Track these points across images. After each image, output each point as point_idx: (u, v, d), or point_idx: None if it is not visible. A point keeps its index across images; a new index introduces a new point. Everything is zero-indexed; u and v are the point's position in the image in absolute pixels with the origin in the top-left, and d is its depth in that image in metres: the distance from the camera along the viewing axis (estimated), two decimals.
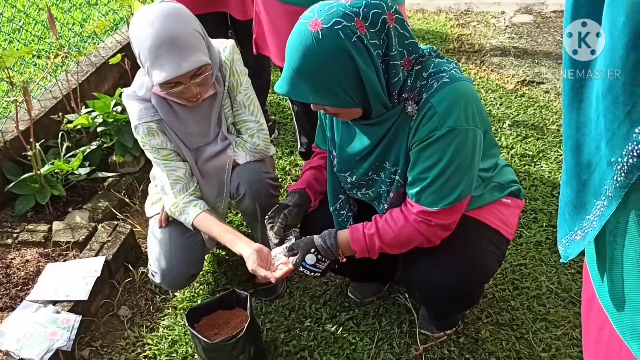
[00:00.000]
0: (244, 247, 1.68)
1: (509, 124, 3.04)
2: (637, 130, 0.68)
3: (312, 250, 1.58)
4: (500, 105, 3.25)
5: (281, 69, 1.63)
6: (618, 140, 0.70)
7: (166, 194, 1.86)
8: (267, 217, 1.71)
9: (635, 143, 0.68)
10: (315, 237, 1.60)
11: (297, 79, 1.37)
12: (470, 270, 1.58)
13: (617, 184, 0.72)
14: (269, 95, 3.23)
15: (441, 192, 1.46)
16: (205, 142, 1.89)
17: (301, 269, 1.59)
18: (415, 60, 1.45)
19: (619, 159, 0.71)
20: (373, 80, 1.37)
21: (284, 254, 1.63)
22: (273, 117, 3.25)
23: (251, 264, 1.63)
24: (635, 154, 0.69)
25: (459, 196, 1.47)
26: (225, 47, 1.86)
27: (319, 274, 1.61)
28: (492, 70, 3.65)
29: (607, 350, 0.95)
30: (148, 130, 1.81)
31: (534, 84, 3.47)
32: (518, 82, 3.46)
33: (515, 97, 3.31)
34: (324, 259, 1.59)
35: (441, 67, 1.45)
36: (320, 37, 1.31)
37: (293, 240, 1.65)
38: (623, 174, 0.71)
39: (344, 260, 1.62)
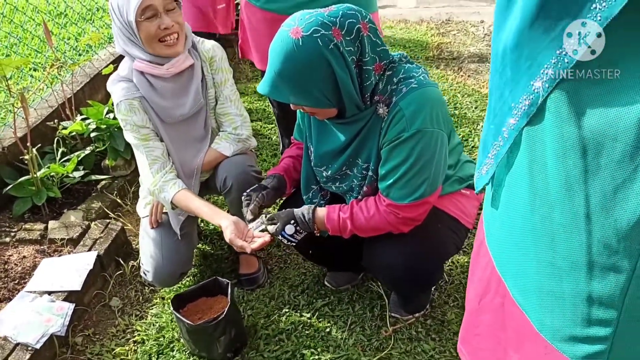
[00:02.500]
0: (223, 219, 1.81)
1: (482, 126, 3.20)
2: (532, 83, 0.81)
3: (292, 221, 1.72)
4: (476, 108, 3.41)
5: (262, 73, 1.79)
6: (518, 89, 0.83)
7: (145, 176, 1.98)
8: (245, 194, 1.82)
9: (529, 93, 0.82)
10: (296, 210, 1.74)
11: (279, 81, 1.51)
12: (426, 251, 1.73)
13: (512, 127, 0.86)
14: (254, 102, 3.39)
15: (408, 188, 1.61)
16: (182, 117, 1.99)
17: (279, 237, 1.73)
18: (387, 66, 1.60)
19: (517, 105, 0.84)
20: (347, 83, 1.52)
21: (261, 226, 1.76)
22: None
23: (229, 234, 1.75)
24: (528, 102, 0.82)
25: (423, 192, 1.62)
26: (204, 42, 2.06)
27: (294, 244, 1.77)
28: (468, 76, 3.82)
29: (486, 288, 1.11)
30: (130, 107, 1.93)
31: None
32: None
33: None
34: (301, 231, 1.74)
35: (410, 73, 1.60)
36: (300, 43, 1.45)
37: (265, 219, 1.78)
38: (518, 118, 0.84)
39: (318, 234, 1.77)
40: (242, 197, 1.82)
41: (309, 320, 2.06)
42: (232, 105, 2.07)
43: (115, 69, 2.99)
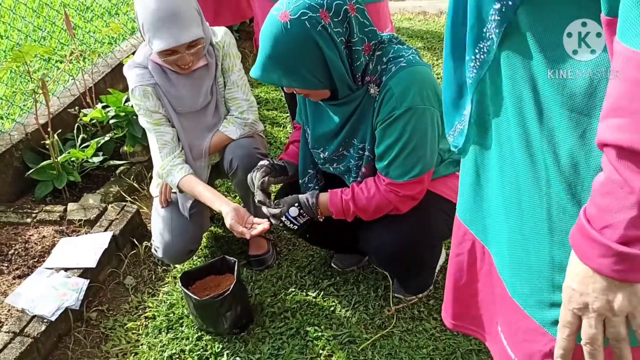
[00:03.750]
0: (224, 205, 1.88)
1: None
2: (484, 30, 0.83)
3: (296, 204, 1.78)
4: None
5: None
6: (473, 40, 0.86)
7: (155, 159, 2.07)
8: (256, 167, 1.89)
9: (485, 40, 0.84)
10: (300, 195, 1.80)
11: (269, 64, 1.56)
12: (417, 232, 1.76)
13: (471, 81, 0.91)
14: (270, 92, 3.45)
15: (405, 165, 1.65)
16: (194, 108, 2.08)
17: (283, 218, 1.78)
18: (376, 46, 1.64)
19: (474, 57, 0.87)
20: (337, 64, 1.56)
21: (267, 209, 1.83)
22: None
23: (229, 220, 1.82)
24: (485, 50, 0.85)
25: (422, 169, 1.66)
26: (219, 31, 2.10)
27: (296, 227, 1.81)
28: None
29: (469, 259, 1.14)
30: (144, 93, 2.01)
31: None
32: None
33: None
34: (304, 215, 1.78)
35: (399, 53, 1.63)
36: (288, 27, 1.50)
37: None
38: (475, 70, 0.88)
39: (322, 219, 1.81)
40: (253, 171, 1.88)
41: (314, 300, 2.10)
42: (239, 90, 2.13)
43: None
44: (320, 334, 1.95)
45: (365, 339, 1.92)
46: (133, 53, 3.54)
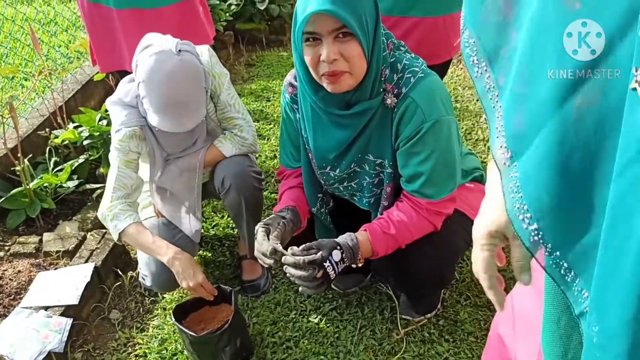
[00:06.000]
0: (170, 252, 1.79)
1: (485, 118, 3.12)
2: None
3: (338, 247, 1.52)
4: (477, 100, 3.33)
5: None
6: None
7: (104, 197, 1.89)
8: (261, 223, 1.65)
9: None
10: (338, 238, 1.56)
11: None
12: (439, 252, 1.66)
13: None
14: (251, 103, 3.31)
15: (441, 182, 1.55)
16: (186, 148, 1.96)
17: (326, 264, 1.48)
18: (392, 46, 1.52)
19: None
20: (381, 34, 1.41)
21: (291, 257, 1.51)
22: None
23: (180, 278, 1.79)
24: None
25: (455, 182, 1.57)
26: (202, 53, 1.93)
27: (333, 275, 1.52)
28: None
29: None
30: (131, 134, 1.87)
31: None
32: None
33: None
34: (345, 260, 1.53)
35: (413, 62, 1.51)
36: None
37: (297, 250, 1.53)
38: None
39: (361, 264, 1.60)
40: (258, 227, 1.65)
41: (317, 326, 1.98)
42: (232, 109, 1.99)
43: (108, 74, 2.93)
44: None
45: None
46: None
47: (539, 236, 0.72)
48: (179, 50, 1.71)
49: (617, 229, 0.61)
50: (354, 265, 1.58)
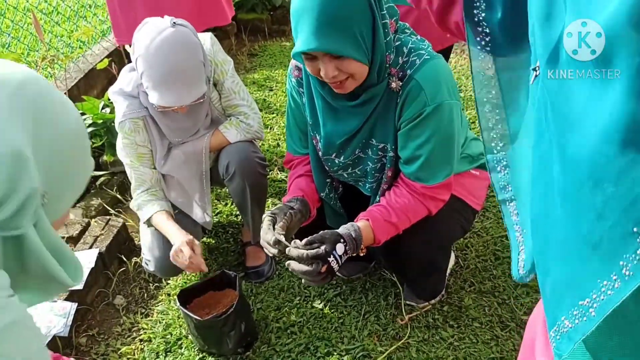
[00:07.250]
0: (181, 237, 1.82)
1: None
2: None
3: (341, 240, 1.50)
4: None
5: None
6: None
7: (132, 191, 1.99)
8: (268, 213, 1.64)
9: None
10: (340, 229, 1.54)
11: (322, 28, 1.31)
12: (428, 236, 1.65)
13: None
14: (253, 92, 3.31)
15: (437, 167, 1.54)
16: (190, 136, 1.96)
17: (330, 259, 1.47)
18: (397, 27, 1.50)
19: None
20: (381, 31, 1.38)
21: (295, 250, 1.49)
22: None
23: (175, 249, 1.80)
24: None
25: (452, 167, 1.56)
26: (205, 41, 1.92)
27: (337, 268, 1.50)
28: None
29: None
30: (134, 127, 1.88)
31: None
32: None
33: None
34: (348, 252, 1.52)
35: (418, 45, 1.50)
36: None
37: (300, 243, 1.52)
38: None
39: (363, 253, 1.59)
40: (264, 216, 1.63)
41: (321, 312, 1.98)
42: (237, 96, 1.99)
43: (110, 62, 2.92)
44: (331, 349, 1.83)
45: (380, 352, 1.80)
46: (107, 57, 3.37)
47: None
48: (174, 23, 1.72)
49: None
50: (355, 254, 1.58)
